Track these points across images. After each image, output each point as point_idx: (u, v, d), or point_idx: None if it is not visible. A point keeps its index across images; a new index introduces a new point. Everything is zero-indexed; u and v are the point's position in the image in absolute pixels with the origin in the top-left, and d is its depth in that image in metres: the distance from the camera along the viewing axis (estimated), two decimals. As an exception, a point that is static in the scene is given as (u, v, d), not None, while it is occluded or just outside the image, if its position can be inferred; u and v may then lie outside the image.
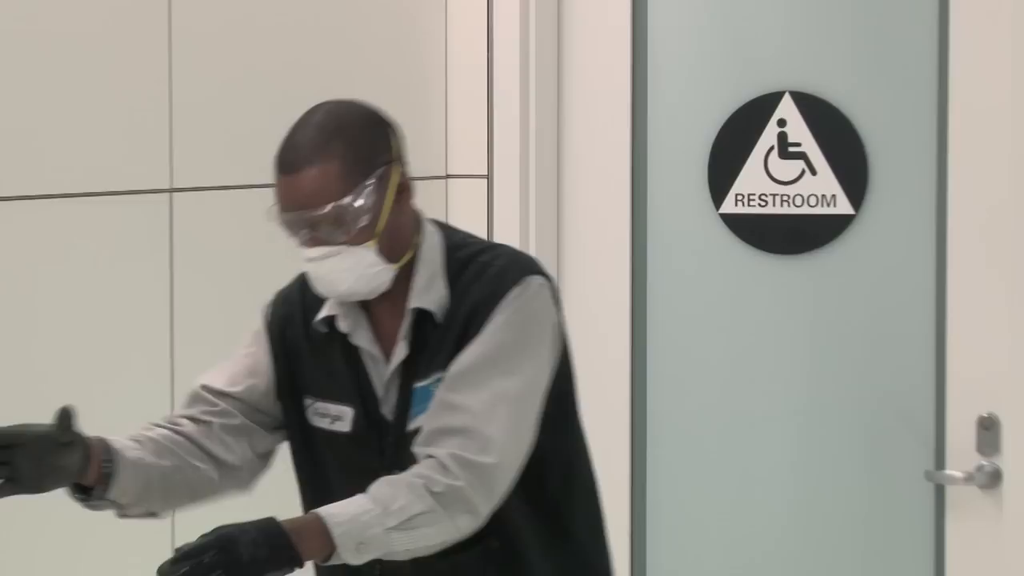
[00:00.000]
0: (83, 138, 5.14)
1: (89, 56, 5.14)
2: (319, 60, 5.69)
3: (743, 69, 5.59)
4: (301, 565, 3.61)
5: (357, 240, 3.80)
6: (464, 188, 5.87)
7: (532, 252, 5.46)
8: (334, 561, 3.68)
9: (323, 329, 3.86)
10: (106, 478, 3.71)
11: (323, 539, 3.58)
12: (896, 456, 5.46)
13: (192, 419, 3.93)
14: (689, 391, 5.80)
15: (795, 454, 5.50)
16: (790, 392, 5.53)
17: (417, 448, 3.74)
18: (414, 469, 3.72)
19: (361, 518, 3.68)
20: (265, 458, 4.05)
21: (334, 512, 3.62)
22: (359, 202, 3.82)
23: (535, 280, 3.91)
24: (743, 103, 5.44)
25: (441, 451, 3.74)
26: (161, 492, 3.87)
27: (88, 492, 3.72)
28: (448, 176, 5.80)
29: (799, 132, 5.44)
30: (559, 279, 5.74)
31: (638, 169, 5.59)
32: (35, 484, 3.66)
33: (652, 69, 5.63)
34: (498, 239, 5.62)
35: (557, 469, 4.01)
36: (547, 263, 5.27)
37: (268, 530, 3.59)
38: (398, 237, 3.88)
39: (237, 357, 4.07)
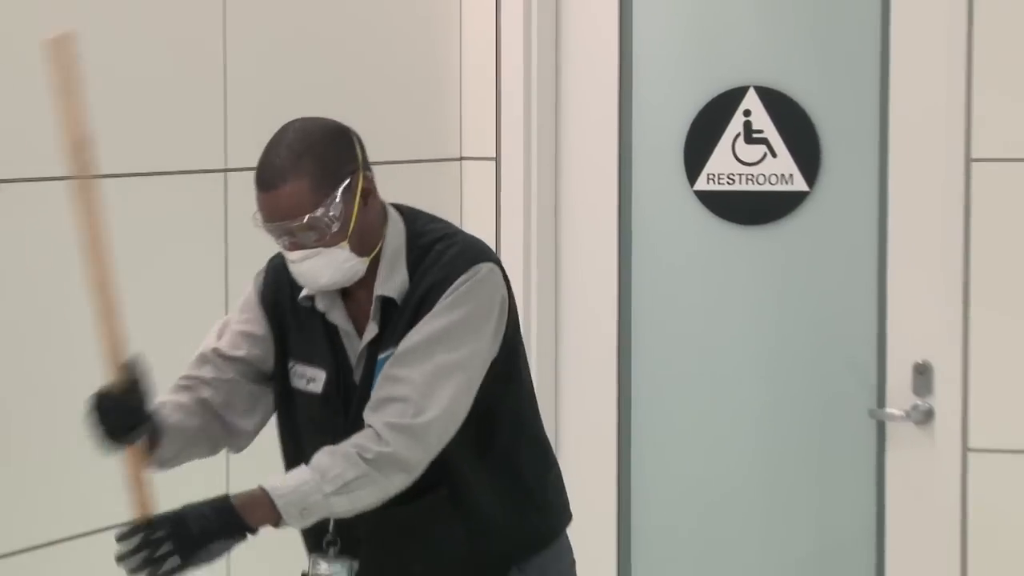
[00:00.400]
0: (145, 121, 5.27)
1: (147, 41, 5.24)
2: (355, 56, 5.92)
3: (714, 67, 5.90)
4: (254, 532, 3.87)
5: (331, 242, 3.98)
6: (476, 169, 6.11)
7: (533, 223, 6.11)
8: (283, 527, 3.94)
9: (306, 304, 4.08)
10: (153, 440, 3.98)
11: (269, 509, 3.81)
12: (844, 397, 5.80)
13: (207, 382, 4.15)
14: (668, 337, 6.12)
15: (760, 396, 5.83)
16: (755, 342, 5.87)
17: (364, 414, 3.97)
18: (351, 439, 3.93)
19: (302, 488, 3.89)
20: (264, 421, 4.27)
21: (277, 485, 3.86)
22: (330, 212, 3.98)
23: (483, 267, 4.08)
24: (714, 96, 5.77)
25: (378, 421, 3.94)
26: (185, 452, 4.12)
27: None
28: (462, 158, 6.10)
29: (762, 121, 5.75)
30: (557, 246, 6.12)
31: (624, 152, 5.95)
32: (123, 438, 3.94)
33: (636, 68, 5.96)
34: (505, 213, 6.09)
35: (506, 421, 4.20)
36: (545, 232, 6.06)
37: (218, 505, 3.85)
38: (367, 233, 4.06)
39: (234, 324, 4.25)
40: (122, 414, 3.95)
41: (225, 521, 3.84)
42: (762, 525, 6.10)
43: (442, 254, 4.08)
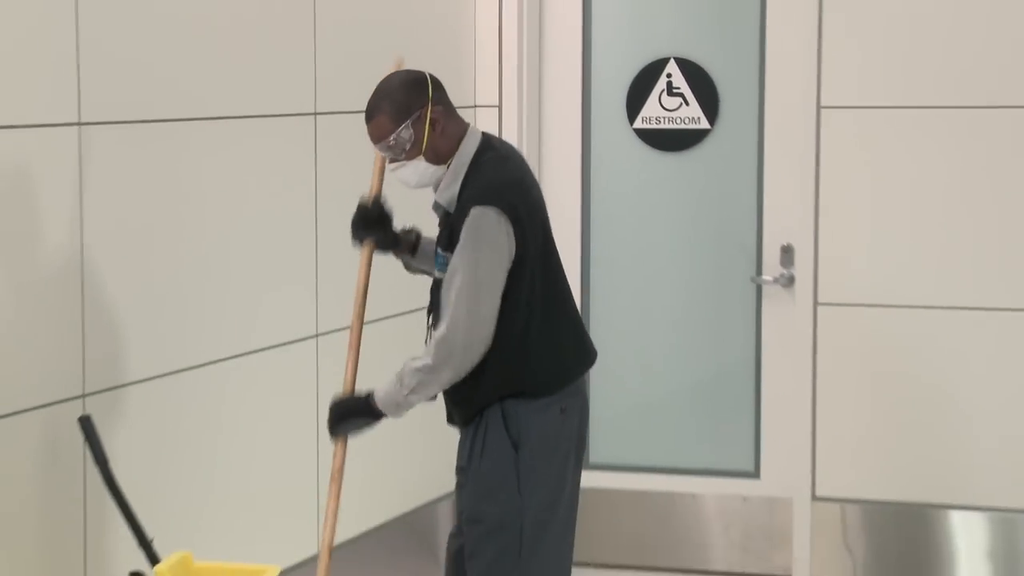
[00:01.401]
0: (245, 68, 5.35)
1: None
2: (402, 26, 6.18)
3: (646, 44, 6.71)
4: (378, 418, 4.45)
5: (410, 156, 4.40)
6: (484, 114, 6.64)
7: (524, 154, 5.79)
8: (388, 418, 4.47)
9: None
10: (413, 251, 4.62)
11: (376, 408, 4.44)
12: (735, 269, 6.60)
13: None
14: (617, 227, 6.75)
15: (680, 269, 6.55)
16: (676, 231, 6.54)
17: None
18: (420, 352, 4.42)
19: (390, 393, 4.42)
20: None
21: (379, 390, 4.44)
22: (403, 135, 4.37)
23: (479, 211, 4.31)
24: (646, 64, 6.66)
25: (431, 337, 4.44)
26: (423, 268, 4.64)
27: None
28: (476, 106, 6.64)
29: (679, 81, 6.63)
30: (540, 170, 6.67)
31: (585, 103, 6.78)
32: (390, 246, 4.58)
33: (594, 45, 6.74)
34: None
35: (517, 311, 4.40)
36: (531, 160, 6.35)
37: (357, 401, 4.49)
38: (440, 149, 4.44)
39: None
40: (368, 218, 4.55)
41: (356, 411, 4.50)
42: (679, 358, 6.59)
43: (475, 185, 4.39)
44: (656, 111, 6.62)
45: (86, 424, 4.27)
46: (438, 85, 4.50)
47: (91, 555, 4.60)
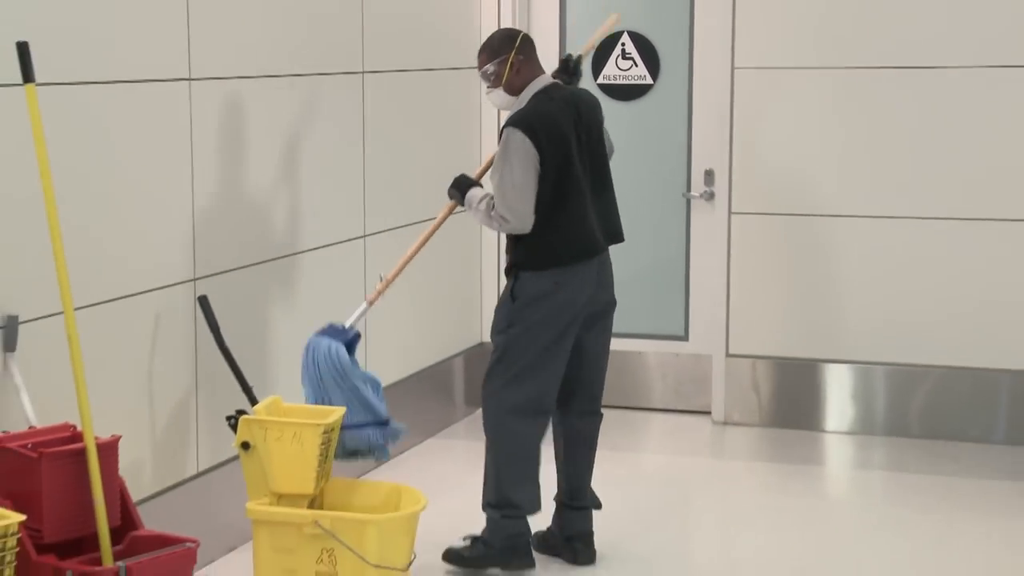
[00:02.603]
0: (301, 30, 5.15)
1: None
2: (427, 12, 6.10)
3: (605, 18, 5.90)
4: (463, 197, 4.63)
5: (494, 86, 4.66)
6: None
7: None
8: (465, 208, 4.68)
9: None
10: None
11: (468, 194, 4.65)
12: (671, 186, 6.56)
13: None
14: None
15: (631, 189, 6.03)
16: (629, 161, 6.05)
17: None
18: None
19: (475, 197, 4.63)
20: None
21: (475, 191, 4.64)
22: (491, 70, 4.62)
23: (508, 131, 4.51)
24: (608, 36, 6.07)
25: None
26: None
27: None
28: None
29: (630, 48, 6.63)
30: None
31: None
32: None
33: (568, 22, 6.68)
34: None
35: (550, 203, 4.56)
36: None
37: (469, 180, 4.69)
38: (514, 85, 4.63)
39: None
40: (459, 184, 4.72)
41: (463, 185, 4.69)
42: (630, 252, 5.69)
43: (516, 113, 4.57)
44: (614, 71, 6.72)
45: (203, 302, 4.34)
46: (526, 41, 4.70)
47: (201, 401, 4.59)
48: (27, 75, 3.45)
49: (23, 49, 3.45)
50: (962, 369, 6.19)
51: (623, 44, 6.69)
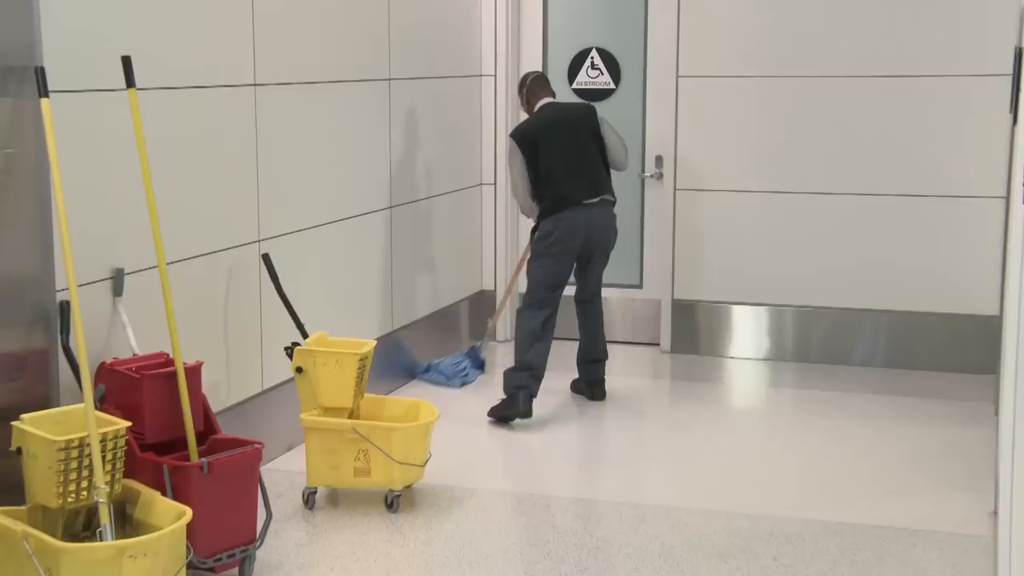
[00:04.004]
0: (333, 41, 4.97)
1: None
2: (438, 26, 5.96)
3: (579, 39, 6.51)
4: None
5: (525, 109, 5.28)
6: (487, 81, 6.46)
7: (507, 107, 6.33)
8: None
9: None
10: None
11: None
12: (630, 169, 5.81)
13: None
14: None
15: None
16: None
17: None
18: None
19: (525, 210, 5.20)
20: None
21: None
22: (520, 97, 5.24)
23: (510, 138, 5.07)
24: (579, 50, 6.51)
25: None
26: None
27: None
28: (482, 75, 6.48)
29: (598, 61, 6.51)
30: (517, 113, 6.14)
31: (544, 73, 6.06)
32: None
33: (550, 38, 6.55)
34: (499, 102, 6.39)
35: (537, 180, 5.02)
36: (512, 108, 6.28)
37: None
38: (529, 108, 5.22)
39: None
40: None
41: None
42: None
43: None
44: (585, 78, 6.61)
45: (266, 258, 4.33)
46: (536, 80, 5.24)
47: (266, 334, 4.55)
48: (129, 82, 3.47)
49: (126, 62, 3.48)
50: (850, 310, 6.17)
51: (592, 58, 6.59)
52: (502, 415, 5.01)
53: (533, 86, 5.15)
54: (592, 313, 5.36)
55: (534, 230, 5.16)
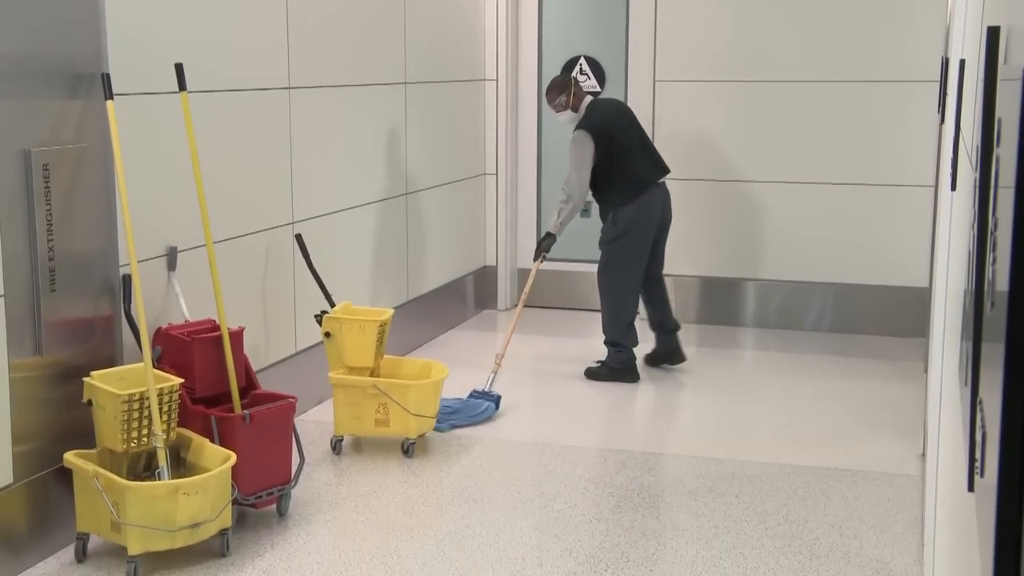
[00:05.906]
0: (356, 50, 4.90)
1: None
2: (446, 32, 5.83)
3: (569, 48, 6.43)
4: (553, 238, 4.89)
5: (564, 108, 4.96)
6: (490, 85, 6.32)
7: (507, 107, 6.23)
8: (558, 238, 4.91)
9: None
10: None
11: (551, 232, 4.94)
12: None
13: None
14: (556, 139, 6.26)
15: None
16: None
17: None
18: (560, 197, 4.85)
19: (552, 223, 4.93)
20: None
21: (550, 225, 4.90)
22: (560, 100, 4.91)
23: (580, 131, 4.84)
24: (570, 57, 6.41)
25: (562, 188, 4.88)
26: None
27: None
28: (485, 79, 6.35)
29: (587, 67, 6.40)
30: (517, 113, 6.31)
31: (539, 78, 6.37)
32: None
33: (545, 48, 6.43)
34: (500, 106, 6.25)
35: (604, 173, 4.81)
36: (511, 108, 6.25)
37: (546, 236, 4.92)
38: (575, 107, 4.95)
39: None
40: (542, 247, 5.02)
41: (548, 236, 4.95)
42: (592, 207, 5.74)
43: (580, 122, 4.88)
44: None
45: (299, 238, 4.32)
46: (577, 83, 5.02)
47: (298, 303, 4.52)
48: (181, 86, 3.50)
49: (179, 69, 3.52)
50: (802, 282, 6.13)
51: (581, 64, 6.51)
52: (618, 378, 5.03)
53: (576, 86, 4.97)
54: (664, 289, 5.21)
55: (546, 235, 4.94)
